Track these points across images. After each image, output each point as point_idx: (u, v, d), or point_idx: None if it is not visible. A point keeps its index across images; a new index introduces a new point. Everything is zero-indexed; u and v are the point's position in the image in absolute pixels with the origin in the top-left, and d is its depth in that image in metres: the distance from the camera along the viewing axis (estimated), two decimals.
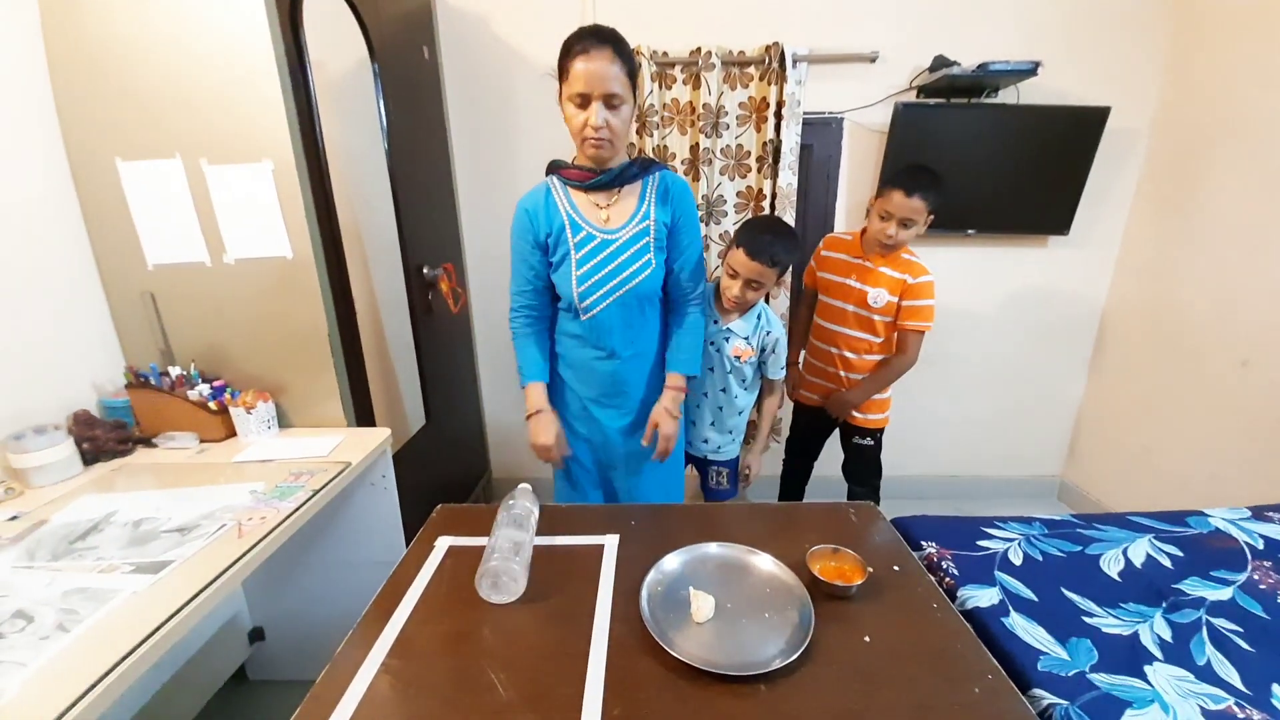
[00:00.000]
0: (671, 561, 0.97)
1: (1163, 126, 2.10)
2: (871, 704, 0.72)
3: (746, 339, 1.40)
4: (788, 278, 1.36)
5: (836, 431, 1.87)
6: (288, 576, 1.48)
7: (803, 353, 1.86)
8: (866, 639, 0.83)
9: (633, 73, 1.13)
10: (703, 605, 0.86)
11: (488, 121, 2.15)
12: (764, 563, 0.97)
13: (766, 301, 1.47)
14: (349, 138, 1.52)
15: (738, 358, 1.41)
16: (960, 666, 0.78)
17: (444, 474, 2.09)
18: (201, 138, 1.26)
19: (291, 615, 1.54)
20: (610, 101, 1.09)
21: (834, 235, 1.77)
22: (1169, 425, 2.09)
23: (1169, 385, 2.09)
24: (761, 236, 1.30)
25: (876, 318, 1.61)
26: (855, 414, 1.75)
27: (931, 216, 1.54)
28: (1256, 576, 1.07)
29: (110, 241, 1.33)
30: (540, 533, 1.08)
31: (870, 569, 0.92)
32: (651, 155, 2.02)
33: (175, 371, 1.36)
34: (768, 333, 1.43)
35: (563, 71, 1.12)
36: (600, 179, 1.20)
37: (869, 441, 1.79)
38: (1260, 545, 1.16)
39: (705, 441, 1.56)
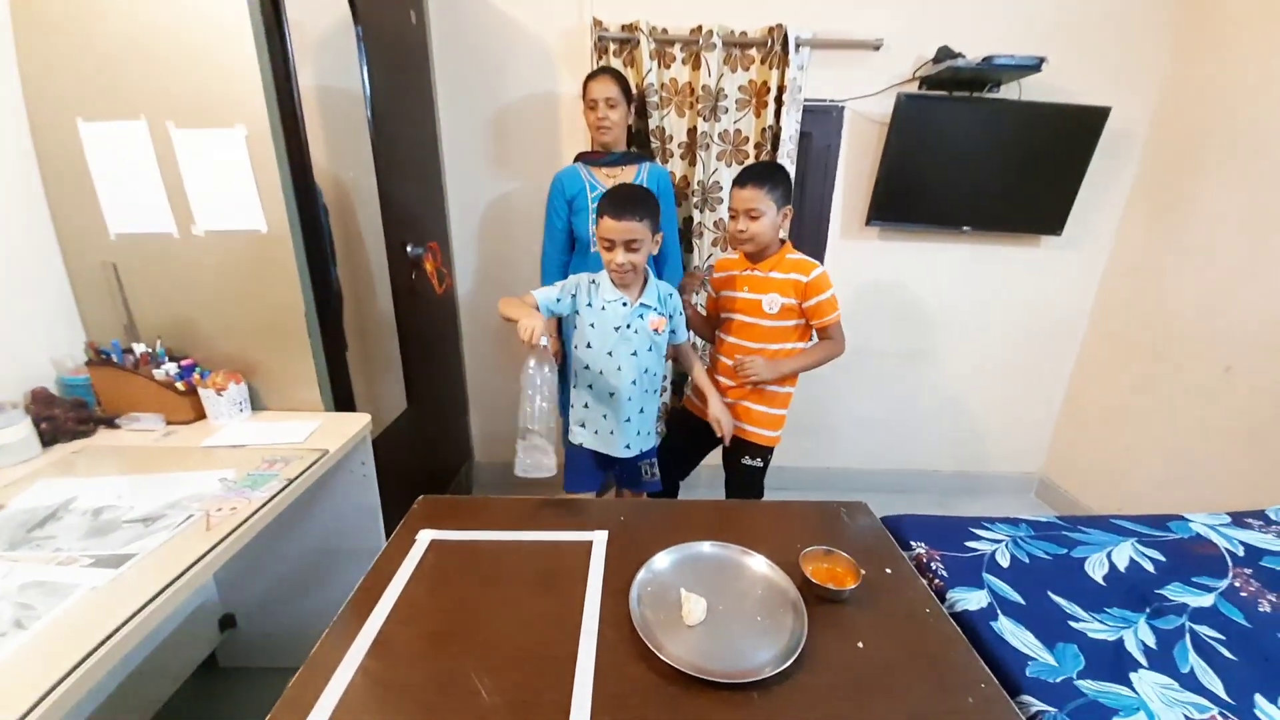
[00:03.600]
0: (662, 560, 0.95)
1: (1161, 130, 2.09)
2: (865, 713, 0.71)
3: (657, 310, 1.37)
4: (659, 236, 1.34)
5: (720, 451, 1.66)
6: (261, 564, 1.43)
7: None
8: (860, 645, 0.81)
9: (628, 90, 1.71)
10: (694, 608, 0.84)
11: (479, 94, 2.05)
12: (757, 564, 0.95)
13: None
14: (329, 105, 1.43)
15: (656, 330, 1.37)
16: (954, 675, 0.77)
17: (425, 460, 2.04)
18: (169, 99, 1.17)
19: (264, 603, 1.49)
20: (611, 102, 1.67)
21: (721, 258, 1.69)
22: (1151, 427, 2.13)
23: (1152, 388, 2.12)
24: (620, 199, 1.28)
25: (779, 324, 1.52)
26: (747, 428, 1.57)
27: (788, 208, 1.47)
28: (1237, 584, 1.09)
29: (70, 207, 1.24)
30: (525, 528, 1.05)
31: (863, 571, 0.91)
32: (649, 138, 1.96)
33: (139, 349, 1.28)
34: (670, 295, 1.41)
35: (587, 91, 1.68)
36: (608, 158, 1.73)
37: (757, 463, 1.62)
38: (1240, 552, 1.18)
39: (627, 447, 1.44)
